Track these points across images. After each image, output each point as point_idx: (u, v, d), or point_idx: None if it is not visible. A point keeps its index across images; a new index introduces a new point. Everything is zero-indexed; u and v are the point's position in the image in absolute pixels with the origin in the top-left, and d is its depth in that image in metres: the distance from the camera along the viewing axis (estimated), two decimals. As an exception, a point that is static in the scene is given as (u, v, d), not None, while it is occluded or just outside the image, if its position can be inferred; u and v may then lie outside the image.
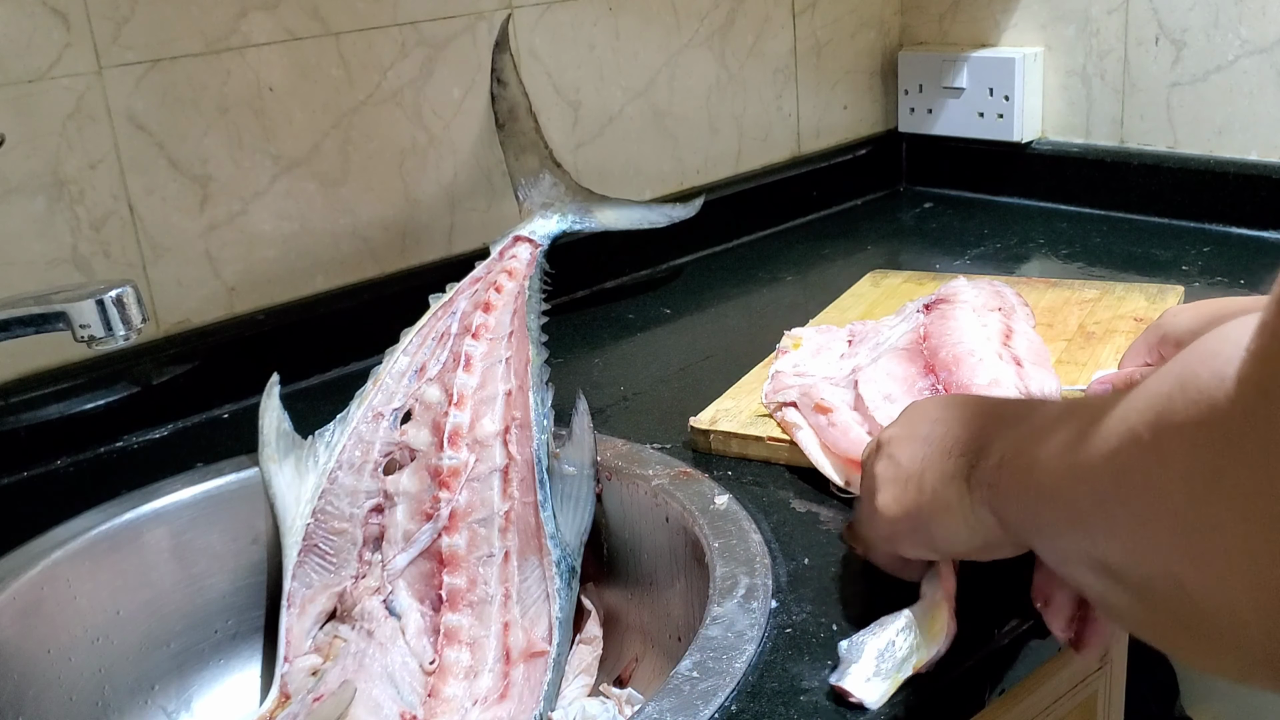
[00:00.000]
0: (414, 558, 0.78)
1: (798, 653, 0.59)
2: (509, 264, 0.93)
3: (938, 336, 0.81)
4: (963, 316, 0.83)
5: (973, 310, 0.84)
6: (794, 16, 1.33)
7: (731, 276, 1.19)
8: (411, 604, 0.77)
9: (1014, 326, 0.84)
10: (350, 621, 0.78)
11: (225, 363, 0.95)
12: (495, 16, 1.08)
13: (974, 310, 0.85)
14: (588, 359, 1.01)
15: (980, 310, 0.85)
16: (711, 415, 0.82)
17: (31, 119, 0.85)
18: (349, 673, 0.74)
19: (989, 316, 0.84)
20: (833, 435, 0.74)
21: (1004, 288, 0.92)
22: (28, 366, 0.88)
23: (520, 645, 0.73)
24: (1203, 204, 1.21)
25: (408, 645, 0.75)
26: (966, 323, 0.82)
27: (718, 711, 0.55)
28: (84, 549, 0.76)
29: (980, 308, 0.85)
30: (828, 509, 0.73)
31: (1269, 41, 1.15)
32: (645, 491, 0.77)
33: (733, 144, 1.31)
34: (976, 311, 0.84)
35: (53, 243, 0.87)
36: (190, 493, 0.81)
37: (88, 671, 0.75)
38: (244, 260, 0.97)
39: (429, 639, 0.75)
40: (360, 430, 0.82)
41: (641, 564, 0.79)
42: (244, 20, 0.94)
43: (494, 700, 0.72)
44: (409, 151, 1.05)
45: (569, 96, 1.15)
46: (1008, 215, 1.31)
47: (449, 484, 0.78)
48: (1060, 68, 1.31)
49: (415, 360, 0.86)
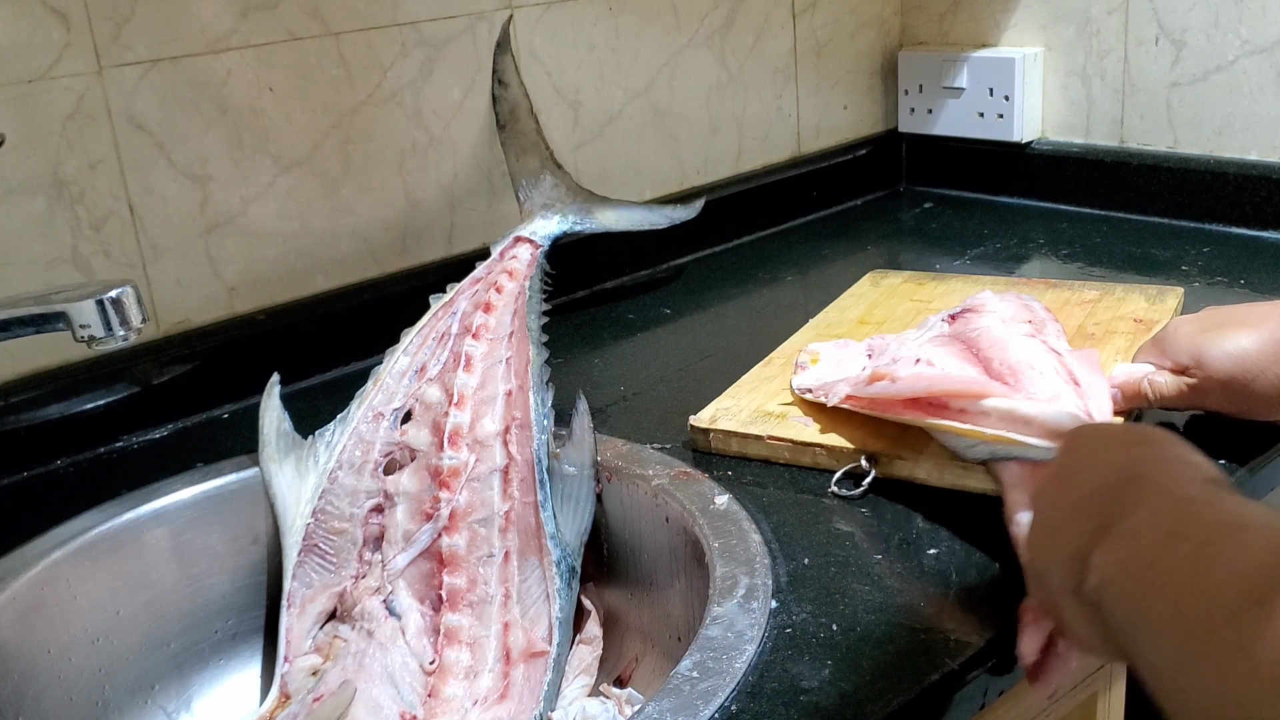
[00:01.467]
0: (414, 558, 0.78)
1: (798, 653, 0.59)
2: (509, 264, 0.93)
3: (977, 342, 0.76)
4: (995, 328, 0.78)
5: (1001, 321, 0.80)
6: (794, 16, 1.33)
7: (731, 276, 1.19)
8: (411, 604, 0.77)
9: (1049, 343, 0.78)
10: (350, 621, 0.78)
11: (225, 363, 0.95)
12: (495, 16, 1.08)
13: (1003, 321, 0.80)
14: (588, 359, 1.01)
15: (1010, 322, 0.80)
16: (711, 414, 0.82)
17: (32, 119, 0.85)
18: (349, 673, 0.74)
19: (1019, 328, 0.79)
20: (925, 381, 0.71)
21: (1032, 300, 0.86)
22: (28, 366, 0.88)
23: (520, 645, 0.73)
24: (1203, 204, 1.21)
25: (408, 645, 0.75)
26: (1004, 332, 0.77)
27: (718, 711, 0.55)
28: (84, 549, 0.76)
29: (1009, 319, 0.80)
30: (828, 509, 0.73)
31: (1269, 41, 1.15)
32: (645, 491, 0.77)
33: (733, 144, 1.31)
34: (1006, 323, 0.79)
35: (53, 243, 0.87)
36: (190, 493, 0.81)
37: (88, 671, 0.75)
38: (244, 260, 0.97)
39: (429, 639, 0.75)
40: (360, 430, 0.82)
41: (641, 564, 0.79)
42: (244, 20, 0.94)
43: (494, 700, 0.72)
44: (409, 151, 1.05)
45: (569, 96, 1.15)
46: (1008, 215, 1.31)
47: (449, 484, 0.78)
48: (1060, 68, 1.31)
49: (416, 360, 0.86)
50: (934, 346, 0.78)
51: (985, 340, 0.77)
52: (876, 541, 0.69)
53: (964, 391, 0.69)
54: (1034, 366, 0.72)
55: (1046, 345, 0.76)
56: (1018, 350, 0.74)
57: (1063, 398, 0.69)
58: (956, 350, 0.77)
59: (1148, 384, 0.74)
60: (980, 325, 0.79)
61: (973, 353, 0.76)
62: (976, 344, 0.77)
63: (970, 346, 0.77)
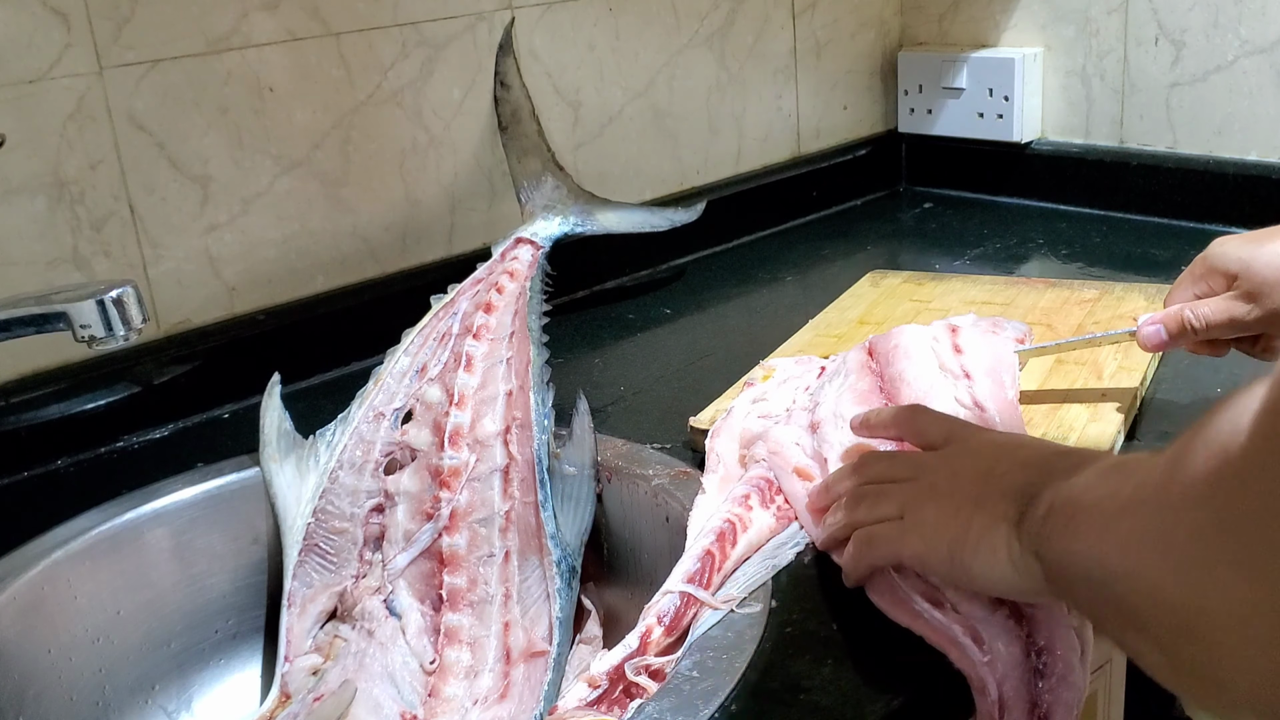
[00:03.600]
0: (414, 557, 0.78)
1: (798, 653, 0.59)
2: (510, 265, 0.93)
3: (883, 352, 0.79)
4: (908, 332, 0.80)
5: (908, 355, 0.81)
6: (794, 17, 1.33)
7: (731, 276, 1.20)
8: (412, 604, 0.77)
9: (961, 343, 0.80)
10: (351, 621, 0.78)
11: (225, 363, 0.95)
12: (495, 17, 1.08)
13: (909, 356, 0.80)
14: (588, 359, 1.01)
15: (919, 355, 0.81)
16: (711, 414, 0.82)
17: (32, 119, 0.85)
18: (349, 672, 0.74)
19: (936, 328, 0.81)
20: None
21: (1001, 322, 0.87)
22: (28, 366, 0.88)
23: (520, 645, 0.74)
24: (1202, 204, 1.21)
25: (408, 645, 0.75)
26: (912, 338, 0.79)
27: (718, 711, 0.55)
28: (84, 549, 0.76)
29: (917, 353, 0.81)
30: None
31: (1269, 41, 1.15)
32: (645, 491, 0.77)
33: (733, 144, 1.31)
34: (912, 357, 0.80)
35: (53, 243, 0.88)
36: (191, 493, 0.81)
37: (88, 671, 0.75)
38: (244, 260, 0.97)
39: (429, 639, 0.75)
40: (361, 430, 0.82)
41: (641, 564, 0.79)
42: (244, 20, 0.94)
43: (494, 700, 0.72)
44: (409, 152, 1.05)
45: (569, 97, 1.15)
46: (1007, 215, 1.31)
47: (449, 484, 0.78)
48: (1060, 68, 1.31)
49: (416, 360, 0.86)
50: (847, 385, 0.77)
51: (883, 348, 0.79)
52: (876, 541, 0.69)
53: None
54: (922, 380, 0.74)
55: (951, 345, 0.79)
56: (909, 359, 0.76)
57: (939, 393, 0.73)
58: (861, 375, 0.77)
59: (1190, 312, 0.74)
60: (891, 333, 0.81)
61: (876, 365, 0.78)
62: (878, 353, 0.78)
63: (875, 356, 0.78)
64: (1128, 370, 0.84)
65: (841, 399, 0.75)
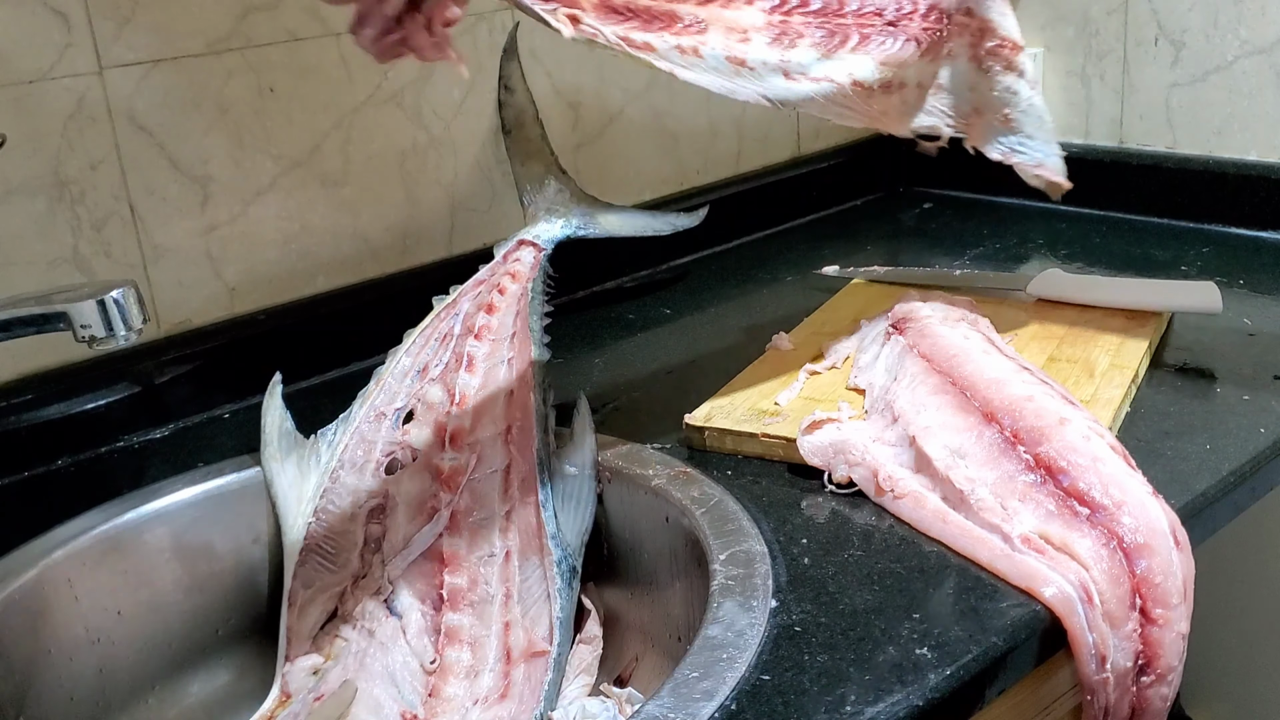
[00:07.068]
0: (415, 557, 0.78)
1: (798, 652, 0.59)
2: (512, 267, 0.93)
3: (962, 375, 0.77)
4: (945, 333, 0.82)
5: (941, 322, 0.84)
6: (794, 17, 1.33)
7: (731, 276, 1.20)
8: (412, 604, 0.77)
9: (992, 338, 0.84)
10: (351, 621, 0.78)
11: (226, 363, 0.95)
12: (495, 17, 1.08)
13: (942, 322, 0.84)
14: (588, 359, 1.01)
15: (950, 322, 0.85)
16: (706, 412, 0.82)
17: (32, 119, 0.85)
18: (350, 672, 0.74)
19: (961, 328, 0.84)
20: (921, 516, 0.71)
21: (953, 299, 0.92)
22: (29, 366, 0.88)
23: (521, 645, 0.74)
24: (1202, 204, 1.21)
25: (409, 645, 0.75)
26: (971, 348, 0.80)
27: (718, 711, 0.55)
28: (85, 549, 0.76)
29: (947, 319, 0.85)
30: (826, 507, 0.73)
31: (1268, 42, 1.15)
32: (645, 491, 0.77)
33: (733, 145, 1.31)
34: (946, 323, 0.84)
35: (54, 243, 0.88)
36: (191, 493, 0.81)
37: (88, 671, 0.75)
38: (245, 260, 0.97)
39: (430, 639, 0.75)
40: (362, 430, 0.82)
41: (641, 564, 0.79)
42: (244, 20, 0.94)
43: (495, 700, 0.72)
44: (409, 152, 1.05)
45: (569, 97, 1.15)
46: (1007, 215, 1.31)
47: (450, 484, 0.78)
48: (1060, 68, 1.31)
49: (418, 360, 0.86)
50: (928, 395, 0.76)
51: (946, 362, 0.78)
52: (875, 539, 0.69)
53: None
54: (1063, 418, 0.71)
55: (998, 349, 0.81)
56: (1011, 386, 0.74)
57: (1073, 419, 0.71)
58: (949, 400, 0.75)
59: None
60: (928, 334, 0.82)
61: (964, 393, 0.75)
62: (957, 377, 0.77)
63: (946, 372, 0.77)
64: (1120, 368, 0.84)
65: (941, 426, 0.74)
